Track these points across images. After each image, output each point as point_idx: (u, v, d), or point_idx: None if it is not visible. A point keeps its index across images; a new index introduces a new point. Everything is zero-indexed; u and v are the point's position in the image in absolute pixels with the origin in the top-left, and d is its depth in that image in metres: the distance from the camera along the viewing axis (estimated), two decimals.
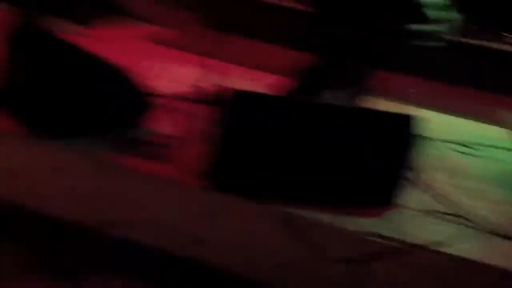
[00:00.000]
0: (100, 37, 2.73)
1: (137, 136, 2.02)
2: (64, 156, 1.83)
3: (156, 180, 1.77)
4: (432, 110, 2.58)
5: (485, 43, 3.89)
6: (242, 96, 1.84)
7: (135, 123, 2.07)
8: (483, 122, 2.86)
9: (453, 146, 2.48)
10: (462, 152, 2.43)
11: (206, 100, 2.27)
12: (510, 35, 4.05)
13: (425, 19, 2.79)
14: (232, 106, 1.84)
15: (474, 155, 2.42)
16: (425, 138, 2.00)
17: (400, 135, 1.86)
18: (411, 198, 1.89)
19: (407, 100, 2.77)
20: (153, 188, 1.74)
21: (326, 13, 2.59)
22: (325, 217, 1.73)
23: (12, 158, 1.80)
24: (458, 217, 1.86)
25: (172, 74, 2.57)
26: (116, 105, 2.05)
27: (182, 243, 1.54)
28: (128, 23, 3.25)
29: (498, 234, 1.79)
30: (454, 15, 3.25)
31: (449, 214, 1.87)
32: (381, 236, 1.66)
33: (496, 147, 2.53)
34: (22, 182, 1.68)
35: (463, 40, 3.86)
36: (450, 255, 1.62)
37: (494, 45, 3.76)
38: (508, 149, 2.52)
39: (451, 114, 2.88)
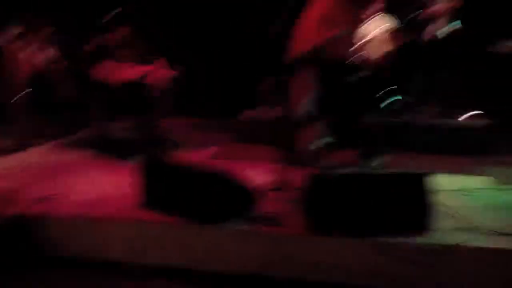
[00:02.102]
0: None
1: (255, 215, 3.54)
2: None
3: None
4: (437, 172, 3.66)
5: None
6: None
7: (252, 208, 3.57)
8: (471, 175, 4.59)
9: (456, 192, 4.02)
10: (462, 195, 4.06)
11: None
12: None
13: None
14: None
15: (470, 195, 4.06)
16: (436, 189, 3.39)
17: (423, 184, 3.35)
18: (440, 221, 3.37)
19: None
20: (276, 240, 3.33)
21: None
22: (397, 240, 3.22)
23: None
24: (471, 229, 3.35)
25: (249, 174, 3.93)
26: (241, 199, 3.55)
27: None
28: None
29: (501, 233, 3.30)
30: None
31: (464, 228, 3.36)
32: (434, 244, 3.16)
33: (482, 189, 4.19)
34: None
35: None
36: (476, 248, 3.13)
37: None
38: (490, 189, 4.21)
39: (450, 173, 4.56)
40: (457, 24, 6.05)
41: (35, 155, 5.40)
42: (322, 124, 4.38)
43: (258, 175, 4.41)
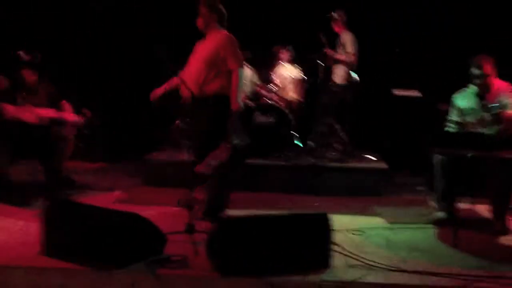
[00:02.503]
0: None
1: (163, 258, 3.57)
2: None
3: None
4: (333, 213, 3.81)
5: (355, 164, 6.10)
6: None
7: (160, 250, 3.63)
8: (364, 215, 4.92)
9: (350, 231, 4.28)
10: (356, 234, 4.33)
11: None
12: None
13: None
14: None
15: (363, 234, 4.35)
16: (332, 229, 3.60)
17: (324, 224, 3.56)
18: (336, 259, 3.62)
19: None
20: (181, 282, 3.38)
21: None
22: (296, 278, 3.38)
23: None
24: (365, 266, 3.60)
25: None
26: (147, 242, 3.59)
27: None
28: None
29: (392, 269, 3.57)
30: None
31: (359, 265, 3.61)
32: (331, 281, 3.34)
33: (376, 228, 4.50)
34: None
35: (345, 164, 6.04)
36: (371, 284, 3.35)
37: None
38: (380, 228, 4.54)
39: (345, 214, 4.88)
40: (354, 75, 6.49)
41: None
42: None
43: (164, 218, 4.47)
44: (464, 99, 4.69)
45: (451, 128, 4.72)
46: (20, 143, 5.28)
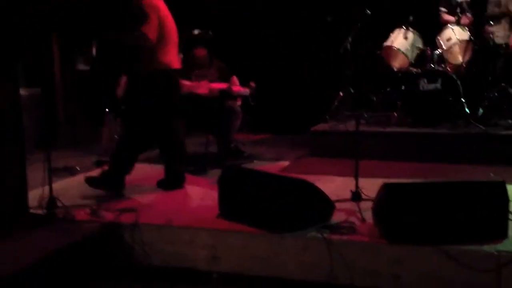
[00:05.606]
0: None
1: (332, 224, 3.70)
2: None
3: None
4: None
5: None
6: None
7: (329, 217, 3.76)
8: None
9: None
10: None
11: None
12: None
13: None
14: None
15: None
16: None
17: (501, 193, 3.39)
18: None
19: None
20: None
21: None
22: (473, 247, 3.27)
23: None
24: None
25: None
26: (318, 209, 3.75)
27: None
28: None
29: None
30: None
31: None
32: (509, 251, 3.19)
33: None
34: None
35: None
36: None
37: None
38: None
39: None
40: None
41: None
42: None
43: (331, 186, 4.55)
44: None
45: None
46: (194, 116, 5.66)
